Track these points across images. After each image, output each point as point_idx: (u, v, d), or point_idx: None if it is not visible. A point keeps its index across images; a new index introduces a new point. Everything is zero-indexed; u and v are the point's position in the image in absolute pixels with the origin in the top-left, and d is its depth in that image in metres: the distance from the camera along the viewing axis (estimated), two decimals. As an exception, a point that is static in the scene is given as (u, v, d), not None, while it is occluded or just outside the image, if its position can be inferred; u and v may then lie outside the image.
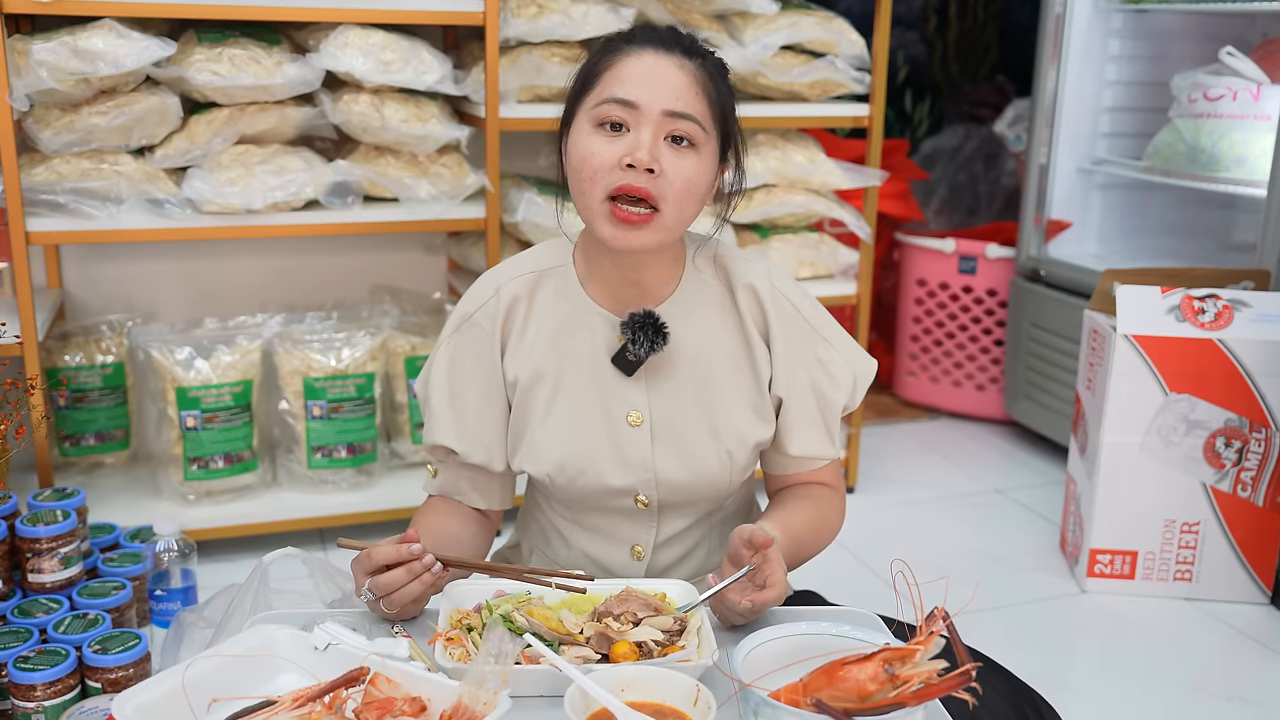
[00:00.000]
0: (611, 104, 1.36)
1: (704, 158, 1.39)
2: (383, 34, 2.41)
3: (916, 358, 3.66)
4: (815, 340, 1.54)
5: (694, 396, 1.51)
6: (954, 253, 3.49)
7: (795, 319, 1.53)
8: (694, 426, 1.51)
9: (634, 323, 1.46)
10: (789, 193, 2.78)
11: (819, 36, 2.71)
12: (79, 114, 2.30)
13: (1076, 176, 3.29)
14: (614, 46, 1.40)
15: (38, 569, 2.08)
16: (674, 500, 1.54)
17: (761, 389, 1.53)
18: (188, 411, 2.49)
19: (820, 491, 1.59)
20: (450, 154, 2.56)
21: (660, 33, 1.41)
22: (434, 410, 1.55)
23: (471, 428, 1.54)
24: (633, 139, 1.36)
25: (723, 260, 1.55)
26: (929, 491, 3.06)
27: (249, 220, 2.38)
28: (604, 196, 1.37)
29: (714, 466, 1.52)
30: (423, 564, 1.28)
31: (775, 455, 1.57)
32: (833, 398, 1.54)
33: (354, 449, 2.62)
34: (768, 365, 1.53)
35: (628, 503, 1.53)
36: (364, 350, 2.61)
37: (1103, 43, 3.20)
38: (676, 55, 1.37)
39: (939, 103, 4.65)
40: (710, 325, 1.52)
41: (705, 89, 1.38)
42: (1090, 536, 2.47)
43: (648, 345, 1.46)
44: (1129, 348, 2.36)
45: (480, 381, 1.54)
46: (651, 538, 1.56)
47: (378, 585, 1.30)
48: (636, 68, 1.37)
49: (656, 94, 1.35)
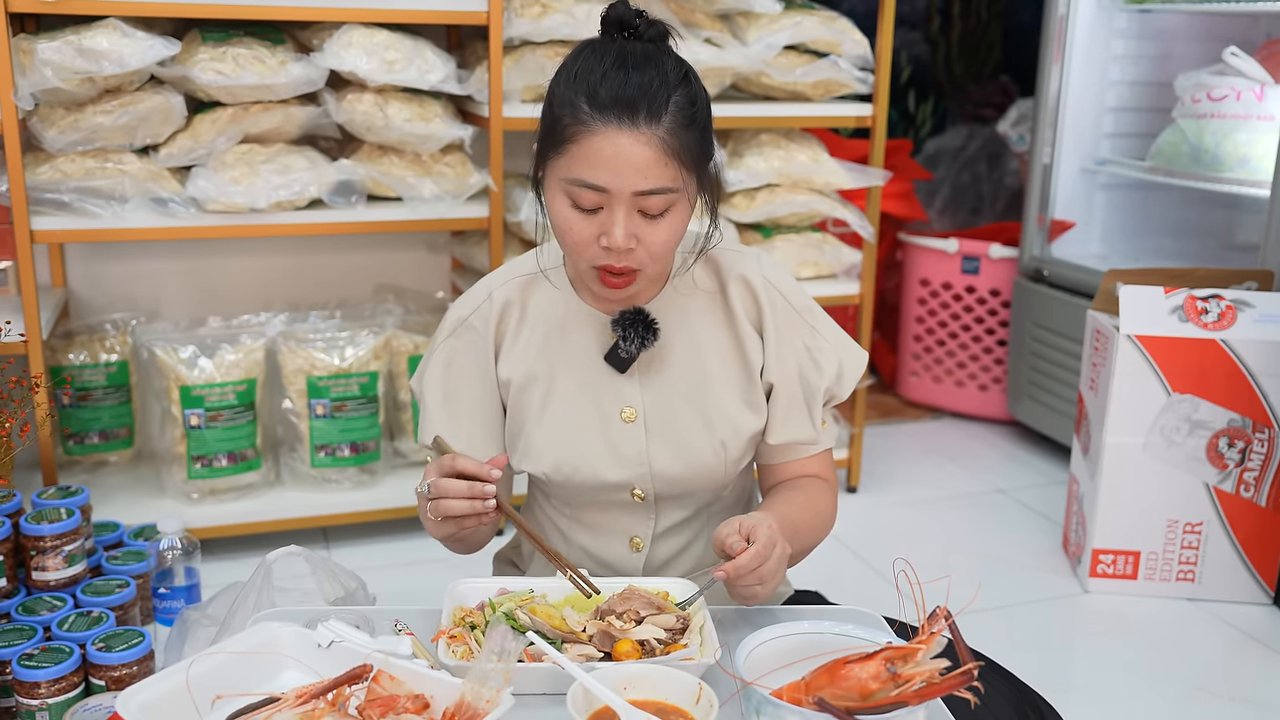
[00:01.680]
0: (581, 187, 1.36)
1: (680, 210, 1.40)
2: (386, 33, 2.41)
3: (919, 358, 3.66)
4: (803, 328, 1.55)
5: (686, 390, 1.53)
6: (957, 253, 3.48)
7: (784, 308, 1.54)
8: (687, 419, 1.53)
9: (624, 320, 1.49)
10: (792, 192, 2.78)
11: (822, 36, 2.72)
12: (83, 113, 2.30)
13: (1080, 177, 3.29)
14: (580, 114, 1.35)
15: (42, 566, 2.09)
16: (670, 493, 1.55)
17: (754, 380, 1.54)
18: (191, 410, 2.49)
19: (810, 483, 1.59)
20: (454, 153, 2.57)
21: (625, 92, 1.34)
22: (428, 408, 1.57)
23: (466, 429, 1.55)
24: (606, 218, 1.37)
25: (712, 255, 1.56)
26: (931, 491, 3.06)
27: (253, 219, 2.39)
28: (589, 265, 1.41)
29: (708, 458, 1.53)
30: (482, 495, 1.32)
31: (762, 444, 1.58)
32: (816, 383, 1.55)
33: (357, 448, 2.62)
34: (759, 354, 1.54)
35: (625, 497, 1.55)
36: (367, 349, 2.61)
37: (1106, 43, 3.20)
38: (641, 127, 1.34)
39: (942, 103, 4.65)
40: (701, 319, 1.54)
41: (674, 152, 1.36)
42: (1093, 536, 2.47)
43: (639, 342, 1.48)
44: (1132, 348, 2.36)
45: (475, 384, 1.56)
46: (650, 529, 1.58)
47: (439, 486, 1.33)
48: (603, 150, 1.34)
49: (625, 179, 1.35)
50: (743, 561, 1.31)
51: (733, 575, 1.31)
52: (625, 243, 1.36)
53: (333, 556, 2.57)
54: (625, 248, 1.36)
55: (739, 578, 1.31)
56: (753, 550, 1.32)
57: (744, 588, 1.33)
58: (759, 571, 1.32)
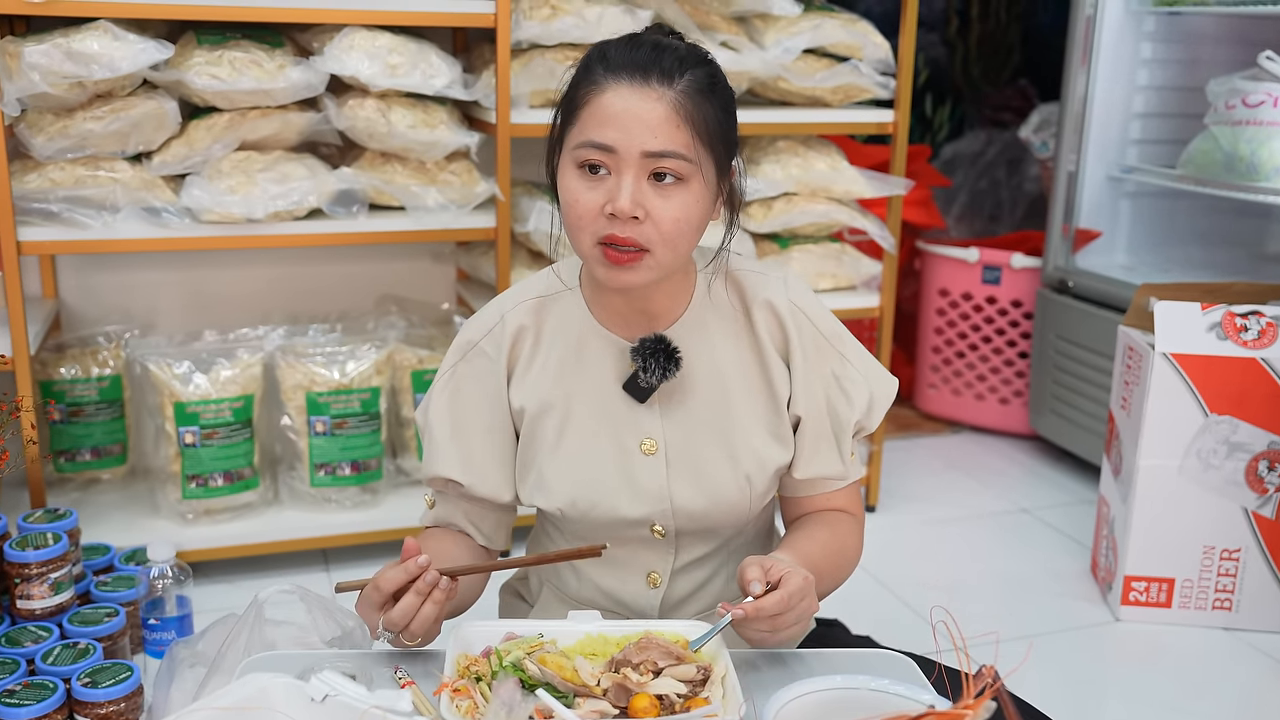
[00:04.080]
0: (589, 148, 1.30)
1: (693, 189, 1.31)
2: (390, 36, 2.32)
3: (938, 369, 3.56)
4: (831, 356, 1.47)
5: (710, 421, 1.45)
6: (978, 262, 3.39)
7: (812, 334, 1.46)
8: (711, 453, 1.45)
9: (645, 349, 1.40)
10: (810, 201, 2.68)
11: (842, 40, 2.62)
12: (73, 119, 2.21)
13: (1106, 185, 3.18)
14: (591, 76, 1.31)
15: (26, 595, 2.00)
16: (692, 528, 1.47)
17: (780, 410, 1.46)
18: (186, 427, 2.40)
19: (837, 518, 1.52)
20: (459, 161, 2.47)
21: (637, 55, 1.31)
22: (436, 440, 1.48)
23: (478, 459, 1.47)
24: (613, 184, 1.29)
25: (736, 277, 1.48)
26: (952, 510, 2.96)
27: (249, 230, 2.29)
28: (594, 242, 1.32)
29: (732, 493, 1.45)
30: (426, 582, 1.22)
31: (786, 477, 1.50)
32: (845, 416, 1.47)
33: (358, 466, 2.53)
34: (786, 384, 1.46)
35: (644, 533, 1.47)
36: (369, 363, 2.51)
37: (1134, 46, 3.09)
38: (654, 84, 1.28)
39: (960, 106, 4.55)
40: (724, 346, 1.46)
41: (688, 116, 1.29)
42: (1125, 563, 2.36)
43: (660, 372, 1.40)
44: (1168, 367, 2.26)
45: (485, 412, 1.48)
46: (668, 565, 1.50)
47: (392, 622, 1.23)
48: (612, 105, 1.28)
49: (633, 135, 1.28)
50: (765, 604, 1.22)
51: (750, 616, 1.22)
52: (631, 208, 1.27)
53: (333, 579, 2.48)
54: (630, 214, 1.27)
55: (755, 621, 1.23)
56: (778, 596, 1.23)
57: (755, 631, 1.24)
58: (777, 619, 1.23)
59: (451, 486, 1.48)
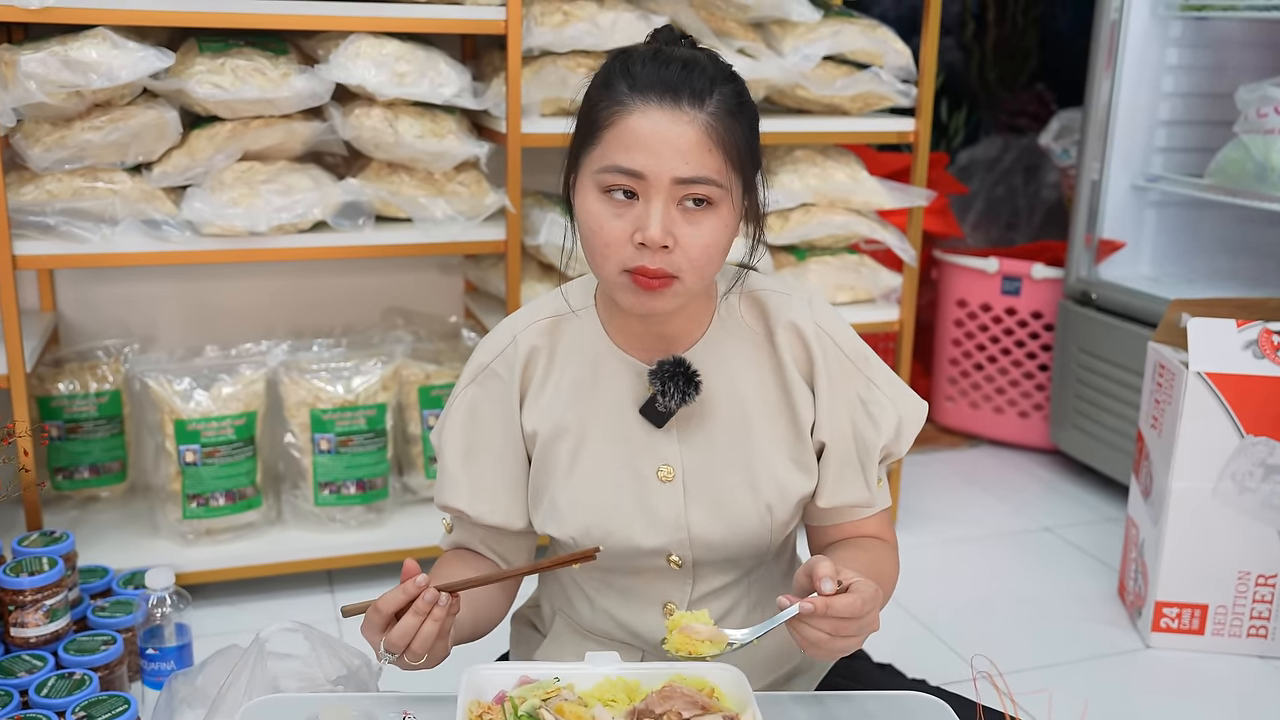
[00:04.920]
0: (615, 173, 1.23)
1: (723, 213, 1.26)
2: (397, 44, 2.24)
3: (955, 382, 3.48)
4: (857, 379, 1.41)
5: (729, 447, 1.39)
6: (997, 273, 3.31)
7: (837, 357, 1.40)
8: (730, 480, 1.38)
9: (663, 372, 1.34)
10: (828, 212, 2.61)
11: (862, 46, 2.54)
12: (71, 129, 2.14)
13: (1130, 194, 3.10)
14: (614, 94, 1.24)
15: (20, 622, 1.93)
16: (710, 558, 1.41)
17: (803, 436, 1.40)
18: (187, 445, 2.33)
19: (871, 543, 1.45)
20: (468, 171, 2.40)
21: (666, 73, 1.24)
22: (447, 468, 1.44)
23: (489, 486, 1.42)
24: (642, 210, 1.23)
25: (758, 297, 1.42)
26: (972, 529, 2.88)
27: (252, 243, 2.22)
28: (619, 270, 1.25)
29: (753, 523, 1.39)
30: (425, 601, 1.17)
31: (811, 505, 1.44)
32: (872, 441, 1.41)
33: (364, 485, 2.45)
34: (810, 409, 1.40)
35: (659, 563, 1.41)
36: (375, 379, 2.44)
37: (1160, 51, 3.01)
38: (684, 107, 1.22)
39: (976, 112, 4.47)
40: (746, 369, 1.40)
41: (720, 139, 1.23)
42: (1156, 588, 2.28)
43: (679, 396, 1.34)
44: (1202, 386, 2.18)
45: (498, 436, 1.42)
46: (686, 595, 1.44)
47: (392, 643, 1.18)
48: (640, 129, 1.22)
49: (664, 161, 1.21)
50: (837, 604, 1.15)
51: (820, 611, 1.14)
52: (662, 238, 1.21)
53: (338, 601, 2.41)
54: (661, 244, 1.21)
55: (820, 619, 1.15)
56: (851, 599, 1.16)
57: (815, 631, 1.16)
58: (844, 623, 1.16)
59: (464, 514, 1.44)
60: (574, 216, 1.33)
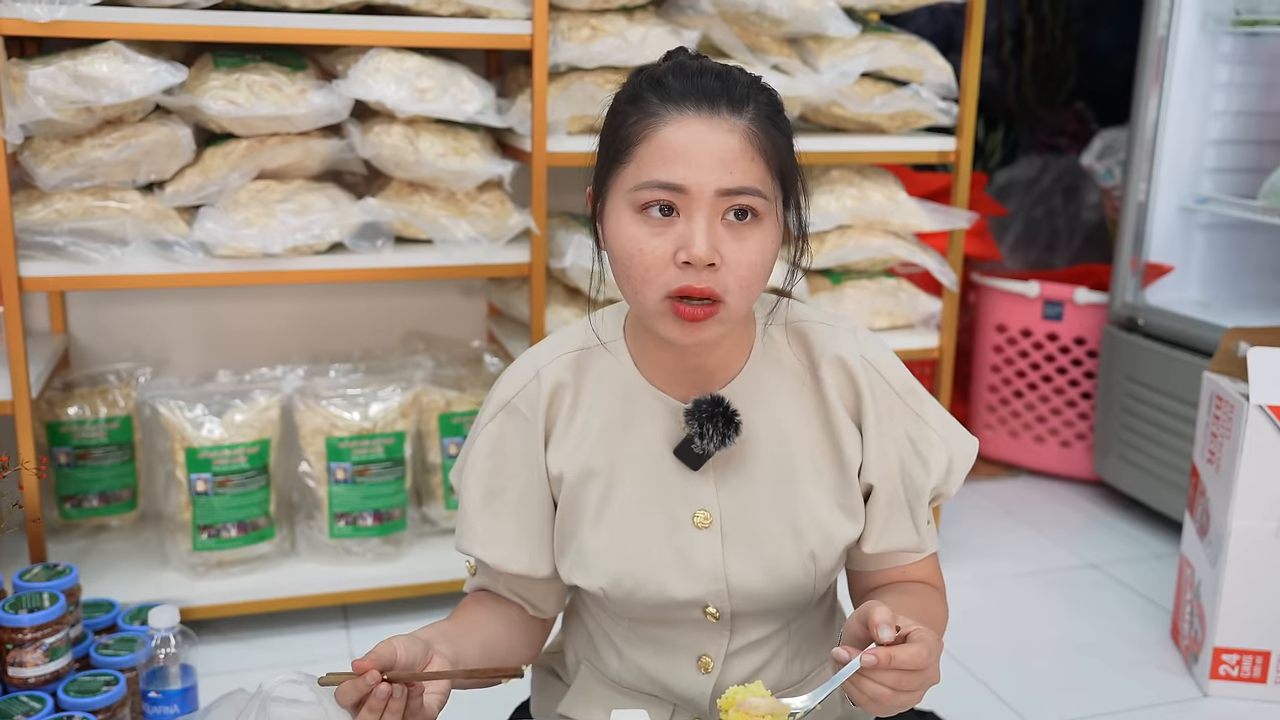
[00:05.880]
0: (653, 188, 1.14)
1: (767, 227, 1.17)
2: (418, 59, 2.16)
3: (995, 410, 3.36)
4: (905, 416, 1.31)
5: (771, 491, 1.29)
6: (1038, 297, 3.19)
7: (885, 392, 1.31)
8: (771, 526, 1.29)
9: (701, 412, 1.25)
10: (866, 235, 2.50)
11: (902, 63, 2.44)
12: (81, 146, 2.07)
13: (1178, 216, 2.99)
14: (645, 107, 1.16)
15: (19, 661, 1.84)
16: (749, 610, 1.32)
17: (849, 479, 1.30)
18: (198, 474, 2.24)
19: (919, 588, 1.36)
20: (492, 191, 2.31)
21: (700, 82, 1.16)
22: (465, 513, 1.35)
23: (509, 533, 1.33)
24: (684, 228, 1.14)
25: (800, 329, 1.32)
26: (1014, 565, 2.76)
27: (266, 265, 2.14)
28: (662, 296, 1.16)
29: (796, 572, 1.30)
30: (377, 698, 1.10)
31: (855, 550, 1.35)
32: (921, 482, 1.31)
33: (381, 516, 2.36)
34: (857, 450, 1.30)
35: (695, 614, 1.31)
36: (394, 406, 2.35)
37: (1210, 69, 2.90)
38: (723, 114, 1.14)
39: (1013, 131, 4.36)
40: (787, 407, 1.30)
41: (761, 148, 1.15)
42: (1214, 633, 2.16)
43: (718, 438, 1.24)
44: (1264, 420, 2.06)
45: (520, 478, 1.33)
46: (722, 649, 1.34)
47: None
48: (678, 139, 1.13)
49: (706, 172, 1.13)
50: (900, 655, 1.05)
51: (882, 664, 1.05)
52: (709, 254, 1.12)
53: (353, 638, 2.31)
54: (708, 261, 1.12)
55: (885, 672, 1.06)
56: (917, 649, 1.06)
57: (877, 686, 1.07)
58: (907, 677, 1.06)
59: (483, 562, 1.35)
60: (600, 245, 1.24)
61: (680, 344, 1.19)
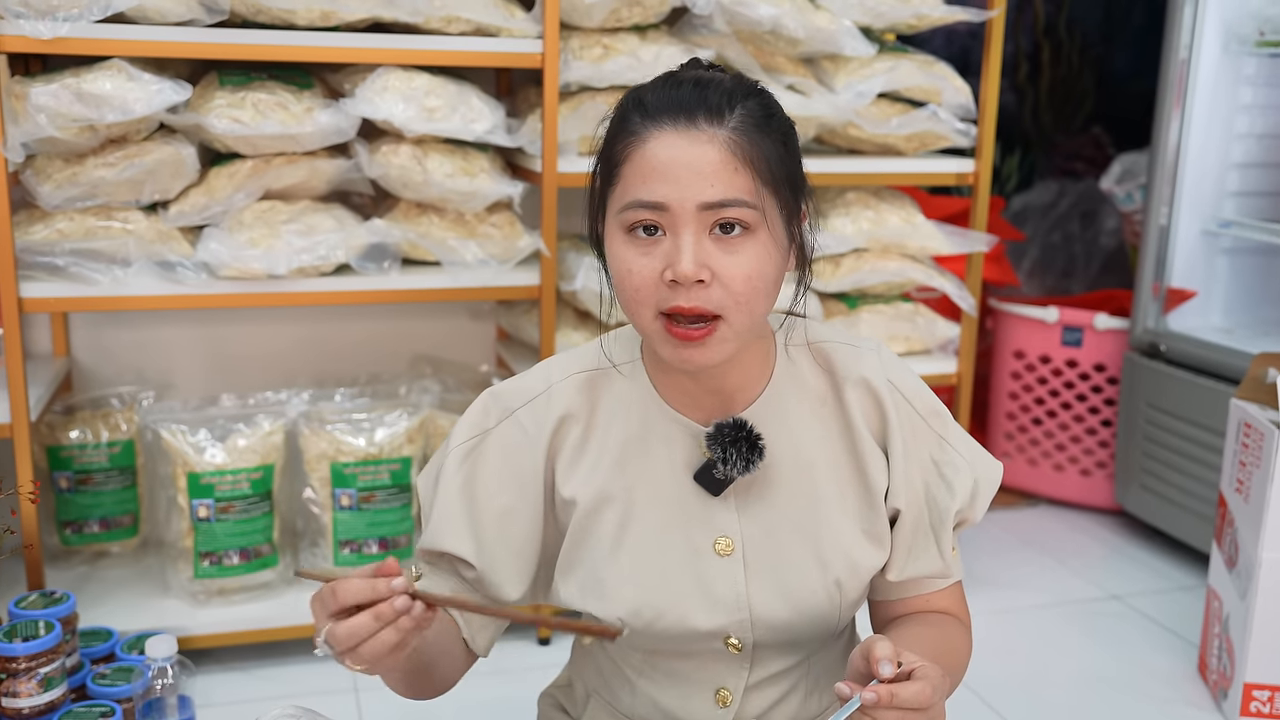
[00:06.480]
0: (636, 208, 1.11)
1: (762, 239, 1.12)
2: (427, 77, 2.13)
3: (1013, 437, 3.30)
4: (930, 439, 1.28)
5: (794, 518, 1.25)
6: (1057, 323, 3.14)
7: (909, 415, 1.27)
8: (796, 554, 1.25)
9: (723, 436, 1.20)
10: (882, 258, 2.45)
11: (919, 83, 2.40)
12: (84, 165, 2.03)
13: (1200, 240, 2.93)
14: (628, 126, 1.13)
15: (13, 692, 1.80)
16: (772, 641, 1.27)
17: (875, 505, 1.26)
18: (200, 500, 2.20)
19: (941, 619, 1.31)
20: (501, 212, 2.27)
21: (679, 93, 1.12)
22: (448, 512, 1.26)
23: (490, 546, 1.25)
24: (670, 246, 1.10)
25: (823, 349, 1.28)
26: (1034, 596, 2.69)
27: (271, 287, 2.10)
28: (655, 315, 1.12)
29: (821, 601, 1.25)
30: (394, 608, 0.97)
31: (879, 578, 1.30)
32: (946, 506, 1.27)
33: (387, 544, 2.31)
34: (883, 475, 1.26)
35: (716, 645, 1.26)
36: (400, 431, 2.30)
37: (1232, 90, 2.85)
38: (702, 125, 1.10)
39: (1030, 156, 4.31)
40: (811, 430, 1.26)
41: (746, 156, 1.11)
42: (1244, 668, 2.09)
43: (742, 463, 1.20)
44: (1295, 448, 2.00)
45: (510, 492, 1.26)
46: (742, 681, 1.29)
47: (336, 636, 0.99)
48: (656, 156, 1.10)
49: (686, 187, 1.09)
50: (902, 694, 1.01)
51: (884, 702, 1.00)
52: (695, 271, 1.08)
53: (356, 668, 2.25)
54: (695, 278, 1.08)
55: (886, 710, 1.01)
56: (920, 687, 1.02)
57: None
58: (914, 715, 1.02)
59: (449, 563, 1.27)
60: (608, 270, 1.20)
61: (680, 368, 1.15)
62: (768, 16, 2.21)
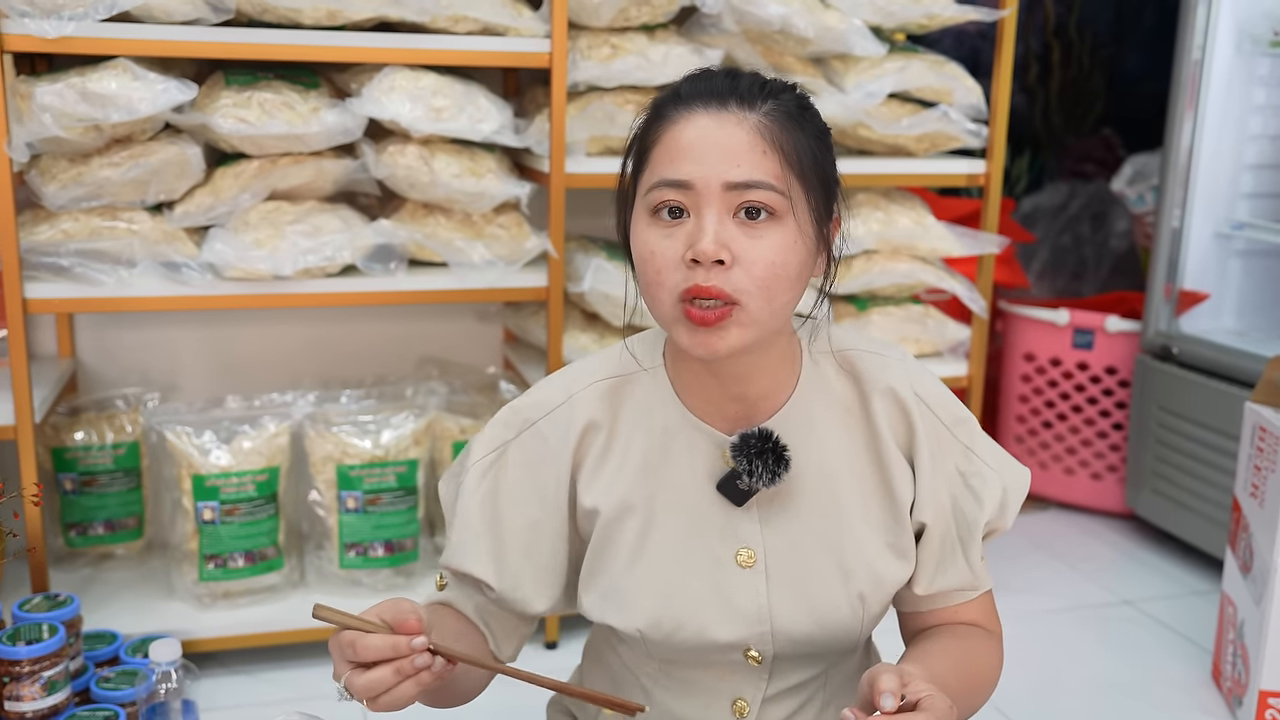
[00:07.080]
0: (662, 187, 1.10)
1: (788, 229, 1.10)
2: (434, 77, 2.11)
3: (1023, 440, 3.28)
4: (955, 449, 1.26)
5: (818, 529, 1.23)
6: (1068, 325, 3.11)
7: (934, 426, 1.25)
8: (819, 566, 1.23)
9: (749, 447, 1.18)
10: (893, 260, 2.43)
11: (930, 83, 2.38)
12: (89, 165, 2.02)
13: (1213, 242, 2.91)
14: (661, 111, 1.14)
15: (16, 695, 1.78)
16: (792, 653, 1.25)
17: (900, 518, 1.24)
18: (205, 502, 2.18)
19: (969, 632, 1.29)
20: (508, 213, 2.25)
21: (712, 82, 1.13)
22: (468, 528, 1.25)
23: (513, 562, 1.25)
24: (693, 226, 1.10)
25: (849, 357, 1.26)
26: (1046, 601, 2.66)
27: (276, 288, 2.08)
28: (674, 299, 1.11)
29: (844, 615, 1.23)
30: (412, 664, 1.00)
31: (906, 591, 1.28)
32: (973, 517, 1.25)
33: (392, 546, 2.29)
34: (909, 487, 1.24)
35: (735, 657, 1.24)
36: (407, 433, 2.29)
37: (1246, 91, 2.83)
38: (733, 109, 1.10)
39: (1039, 157, 4.29)
40: (837, 440, 1.24)
41: (776, 141, 1.09)
42: (1259, 675, 2.06)
43: (768, 475, 1.18)
44: (1312, 453, 1.97)
45: (532, 506, 1.25)
46: (759, 692, 1.27)
47: (355, 686, 1.01)
48: (686, 136, 1.10)
49: (712, 166, 1.08)
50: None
51: None
52: (716, 250, 1.07)
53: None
54: (715, 257, 1.07)
55: None
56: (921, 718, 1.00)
57: None
58: None
59: (472, 582, 1.27)
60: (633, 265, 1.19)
61: (696, 353, 1.13)
62: (777, 15, 2.19)
